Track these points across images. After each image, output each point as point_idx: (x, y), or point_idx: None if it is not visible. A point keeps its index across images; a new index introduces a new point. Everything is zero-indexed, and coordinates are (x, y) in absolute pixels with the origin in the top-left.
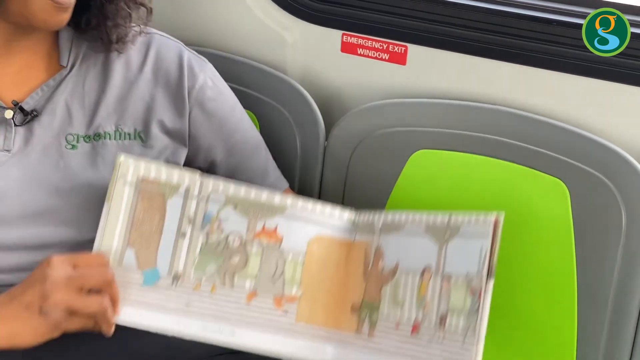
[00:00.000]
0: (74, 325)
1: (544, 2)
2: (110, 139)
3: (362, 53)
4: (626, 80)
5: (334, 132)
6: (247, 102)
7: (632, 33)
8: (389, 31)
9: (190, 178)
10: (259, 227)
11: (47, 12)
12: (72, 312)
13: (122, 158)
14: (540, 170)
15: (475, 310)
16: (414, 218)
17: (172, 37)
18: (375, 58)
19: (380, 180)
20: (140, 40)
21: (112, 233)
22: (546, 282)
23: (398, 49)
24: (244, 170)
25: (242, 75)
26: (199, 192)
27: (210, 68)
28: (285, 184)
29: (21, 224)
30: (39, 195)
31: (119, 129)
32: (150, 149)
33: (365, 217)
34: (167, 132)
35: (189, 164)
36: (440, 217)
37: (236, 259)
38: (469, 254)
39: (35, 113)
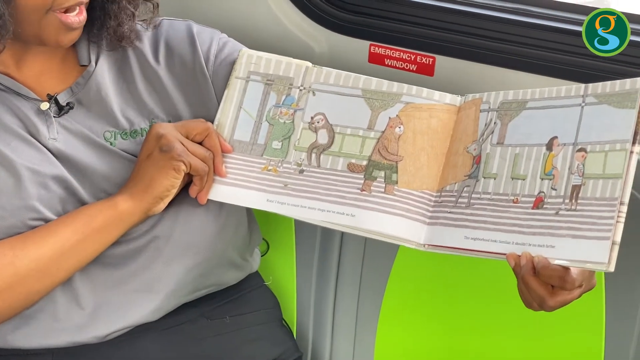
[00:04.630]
0: (191, 159)
1: (572, 14)
2: (146, 134)
3: (389, 64)
4: None
5: None
6: None
7: None
8: (417, 42)
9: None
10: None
11: (60, 33)
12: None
13: (242, 51)
14: None
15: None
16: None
17: (180, 19)
18: (403, 69)
19: None
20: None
21: (227, 112)
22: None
23: (426, 60)
24: None
25: None
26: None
27: (221, 34)
28: None
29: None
30: (89, 186)
31: (153, 123)
32: None
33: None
34: (198, 116)
35: None
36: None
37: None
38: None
39: (71, 104)
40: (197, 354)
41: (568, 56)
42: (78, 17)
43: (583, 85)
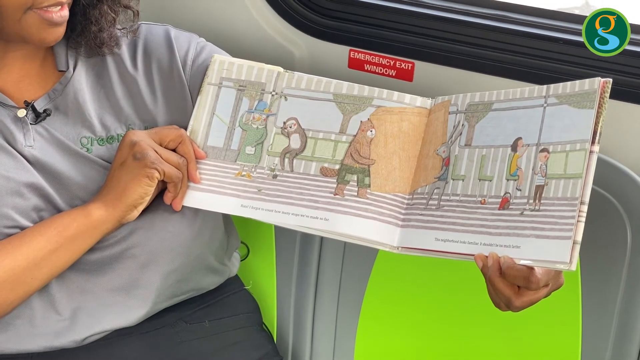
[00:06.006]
0: (165, 167)
1: (551, 21)
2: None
3: (369, 69)
4: (629, 98)
5: None
6: None
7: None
8: (396, 47)
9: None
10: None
11: (43, 30)
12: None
13: (214, 57)
14: None
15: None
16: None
17: (158, 23)
18: (382, 74)
19: None
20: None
21: (200, 118)
22: (550, 299)
23: (405, 66)
24: None
25: None
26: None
27: (199, 39)
28: None
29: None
30: (65, 193)
31: (130, 129)
32: None
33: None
34: (175, 122)
35: None
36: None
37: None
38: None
39: (48, 111)
40: (176, 358)
41: (548, 62)
42: (60, 12)
43: (545, 86)
